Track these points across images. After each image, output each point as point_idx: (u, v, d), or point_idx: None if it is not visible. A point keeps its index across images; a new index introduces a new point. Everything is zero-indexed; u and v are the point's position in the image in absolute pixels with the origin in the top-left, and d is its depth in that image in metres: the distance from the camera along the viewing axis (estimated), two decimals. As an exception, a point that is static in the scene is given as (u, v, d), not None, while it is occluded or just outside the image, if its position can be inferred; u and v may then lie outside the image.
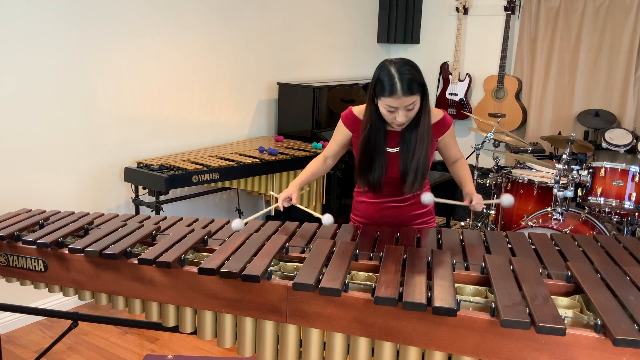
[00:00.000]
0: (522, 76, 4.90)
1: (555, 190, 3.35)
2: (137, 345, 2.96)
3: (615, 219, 3.62)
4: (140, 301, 1.75)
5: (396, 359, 1.43)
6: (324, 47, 4.87)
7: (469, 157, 4.25)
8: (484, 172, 4.45)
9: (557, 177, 3.35)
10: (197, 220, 2.10)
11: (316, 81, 4.64)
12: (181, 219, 2.11)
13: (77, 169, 3.28)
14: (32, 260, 1.87)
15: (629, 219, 3.48)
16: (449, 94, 5.21)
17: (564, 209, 3.39)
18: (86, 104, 3.26)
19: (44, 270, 1.85)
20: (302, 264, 1.60)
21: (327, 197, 4.06)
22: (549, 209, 3.48)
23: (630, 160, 4.40)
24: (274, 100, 4.48)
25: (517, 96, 4.91)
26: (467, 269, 1.62)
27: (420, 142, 1.99)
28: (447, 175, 4.49)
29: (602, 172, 3.53)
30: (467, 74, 5.16)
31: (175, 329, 1.73)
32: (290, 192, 2.07)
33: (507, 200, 2.06)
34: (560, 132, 4.65)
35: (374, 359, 1.46)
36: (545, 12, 4.72)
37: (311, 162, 2.22)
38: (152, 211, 3.38)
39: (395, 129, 2.03)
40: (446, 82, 5.24)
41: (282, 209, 2.05)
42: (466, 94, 5.15)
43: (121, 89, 3.42)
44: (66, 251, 1.80)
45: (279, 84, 4.38)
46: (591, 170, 3.53)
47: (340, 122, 2.15)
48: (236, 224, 1.92)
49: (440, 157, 2.32)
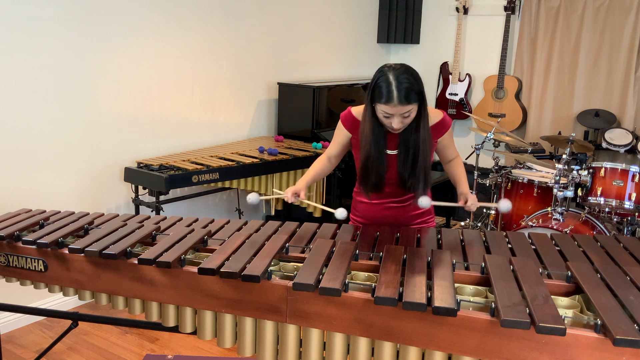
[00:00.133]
0: (522, 76, 4.90)
1: (555, 190, 3.35)
2: (137, 345, 2.96)
3: (615, 219, 3.62)
4: (140, 301, 1.75)
5: (396, 359, 1.43)
6: (324, 47, 4.87)
7: (469, 157, 4.25)
8: (484, 172, 4.45)
9: (557, 177, 3.34)
10: (197, 220, 2.10)
11: (316, 81, 4.64)
12: (181, 219, 2.11)
13: (77, 169, 3.28)
14: (32, 260, 1.87)
15: (629, 219, 3.48)
16: (449, 94, 5.21)
17: (564, 209, 3.39)
18: (86, 104, 3.26)
19: (44, 270, 1.85)
20: (302, 264, 1.60)
21: (327, 197, 4.07)
22: (549, 209, 3.47)
23: (630, 160, 4.39)
24: (274, 100, 4.48)
25: (517, 96, 4.90)
26: (467, 269, 1.62)
27: (420, 144, 1.99)
28: (447, 175, 4.49)
29: (602, 172, 3.53)
30: (467, 74, 5.16)
31: (175, 329, 1.73)
32: (298, 188, 2.07)
33: (505, 206, 2.03)
34: (560, 132, 4.65)
35: (374, 359, 1.46)
36: (545, 12, 4.72)
37: (315, 161, 2.23)
38: (152, 211, 3.38)
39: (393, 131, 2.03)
40: (446, 82, 5.23)
41: (290, 201, 2.04)
42: (466, 94, 5.15)
43: (121, 89, 3.42)
44: (66, 251, 1.80)
45: (279, 84, 4.38)
46: (591, 170, 3.53)
47: (339, 123, 2.15)
48: (252, 197, 1.92)
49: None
